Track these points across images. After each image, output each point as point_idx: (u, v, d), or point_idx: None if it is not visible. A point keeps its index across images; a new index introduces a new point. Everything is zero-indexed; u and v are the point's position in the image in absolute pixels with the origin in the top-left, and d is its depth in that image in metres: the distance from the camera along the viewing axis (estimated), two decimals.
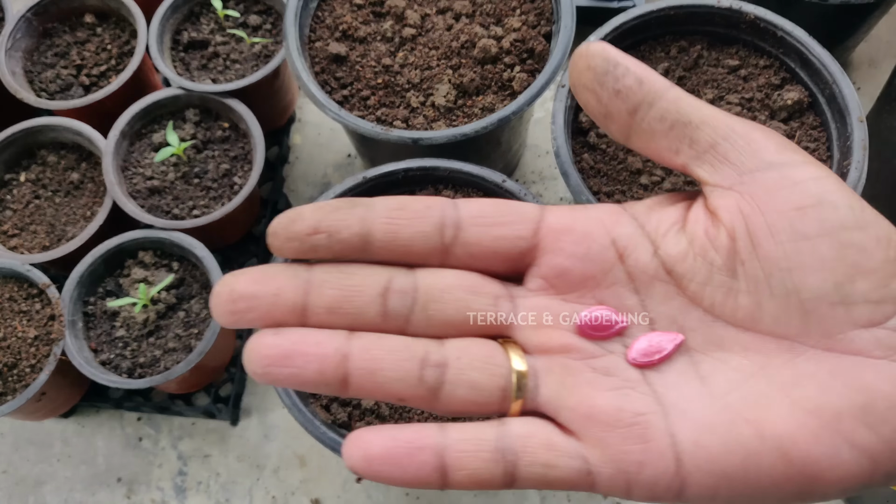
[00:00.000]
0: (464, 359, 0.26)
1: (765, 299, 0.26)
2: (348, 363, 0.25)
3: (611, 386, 0.26)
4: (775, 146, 0.26)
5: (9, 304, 0.72)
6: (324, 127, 0.94)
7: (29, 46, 0.85)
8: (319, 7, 0.74)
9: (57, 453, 0.80)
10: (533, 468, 0.25)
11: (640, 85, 0.27)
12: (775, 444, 0.24)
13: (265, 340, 0.25)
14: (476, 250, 0.27)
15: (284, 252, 0.26)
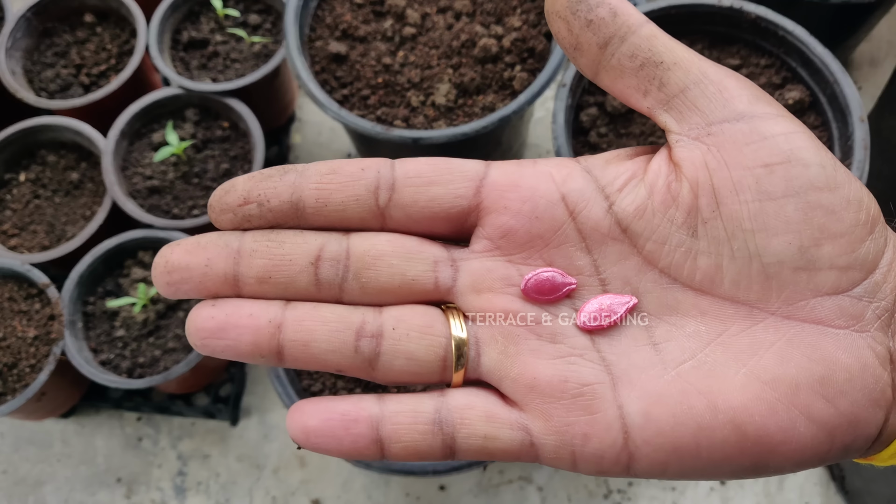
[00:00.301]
0: (400, 329, 0.25)
1: (725, 261, 0.24)
2: (281, 334, 0.24)
3: (556, 354, 0.25)
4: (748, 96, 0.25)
5: (9, 304, 0.71)
6: (324, 126, 0.94)
7: (29, 46, 0.85)
8: (319, 6, 0.74)
9: (57, 453, 0.80)
10: (471, 440, 0.24)
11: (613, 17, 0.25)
12: (728, 418, 0.23)
13: (202, 312, 0.24)
14: (413, 212, 0.25)
15: (221, 224, 0.26)
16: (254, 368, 0.81)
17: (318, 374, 0.61)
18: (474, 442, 0.24)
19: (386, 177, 0.25)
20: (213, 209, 0.25)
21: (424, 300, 0.26)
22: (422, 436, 0.24)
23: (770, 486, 0.73)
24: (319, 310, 0.25)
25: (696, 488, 0.74)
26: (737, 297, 0.25)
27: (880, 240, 0.24)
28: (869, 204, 0.24)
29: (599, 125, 0.65)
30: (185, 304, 0.72)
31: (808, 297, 0.24)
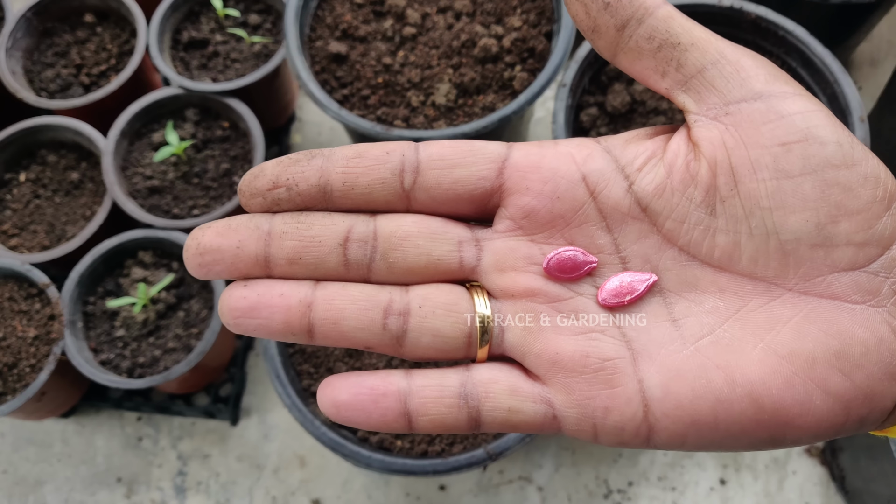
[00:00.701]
0: (426, 307, 0.25)
1: (743, 239, 0.25)
2: (312, 313, 0.25)
3: (578, 330, 0.25)
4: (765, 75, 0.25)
5: (9, 304, 0.72)
6: (324, 126, 0.94)
7: (29, 46, 0.85)
8: (319, 6, 0.74)
9: (57, 453, 0.80)
10: (496, 413, 0.25)
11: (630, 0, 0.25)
12: (746, 391, 0.24)
13: (235, 293, 0.25)
14: (437, 194, 0.26)
15: (251, 208, 0.26)
16: (254, 369, 0.81)
17: (318, 374, 0.61)
18: (499, 415, 0.25)
19: (410, 160, 0.26)
20: (242, 193, 0.26)
21: (450, 279, 0.26)
22: (448, 409, 0.25)
23: (770, 486, 0.73)
24: (348, 289, 0.25)
25: (696, 488, 0.74)
26: (754, 274, 0.25)
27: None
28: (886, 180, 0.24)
29: (599, 125, 0.64)
30: (184, 304, 0.72)
31: (824, 273, 0.24)
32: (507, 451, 0.55)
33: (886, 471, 0.61)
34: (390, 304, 0.25)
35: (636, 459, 0.75)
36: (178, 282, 0.73)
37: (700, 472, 0.74)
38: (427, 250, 0.26)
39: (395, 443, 0.58)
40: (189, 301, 0.73)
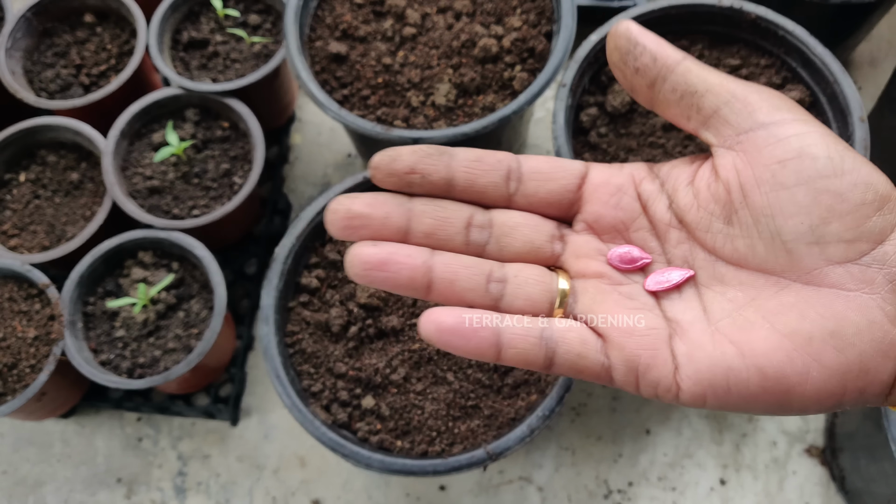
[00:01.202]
0: (521, 276, 0.32)
1: (755, 241, 0.30)
2: (433, 273, 0.31)
3: (631, 307, 0.32)
4: (768, 106, 0.30)
5: (9, 305, 0.72)
6: (324, 126, 0.94)
7: (29, 46, 0.85)
8: (319, 6, 0.74)
9: (57, 454, 0.80)
10: (568, 356, 0.31)
11: (654, 62, 0.32)
12: (753, 362, 0.29)
13: (365, 250, 0.31)
14: (533, 199, 0.33)
15: (384, 184, 0.32)
16: (254, 369, 0.81)
17: (318, 374, 0.61)
18: (569, 357, 0.31)
19: (515, 170, 0.33)
20: (379, 170, 0.32)
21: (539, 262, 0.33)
22: (531, 346, 0.30)
23: (770, 486, 0.73)
24: (461, 257, 0.32)
25: (696, 488, 0.74)
26: (766, 269, 0.30)
27: (890, 216, 0.29)
28: (878, 185, 0.29)
29: (599, 125, 0.64)
30: (184, 304, 0.72)
31: (821, 266, 0.29)
32: (507, 451, 0.55)
33: (887, 471, 0.61)
34: (492, 273, 0.32)
35: (636, 459, 0.75)
36: (177, 282, 0.73)
37: (700, 473, 0.74)
38: (530, 239, 0.33)
39: (395, 443, 0.58)
40: (189, 301, 0.73)
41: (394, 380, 0.60)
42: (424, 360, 0.61)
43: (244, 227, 0.83)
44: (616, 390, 0.78)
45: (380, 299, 0.62)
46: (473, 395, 0.59)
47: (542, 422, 0.55)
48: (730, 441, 0.75)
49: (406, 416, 0.59)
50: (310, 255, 0.65)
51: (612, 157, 0.63)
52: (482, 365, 0.60)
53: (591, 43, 0.64)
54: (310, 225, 0.64)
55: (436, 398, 0.59)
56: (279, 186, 0.89)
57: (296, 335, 0.62)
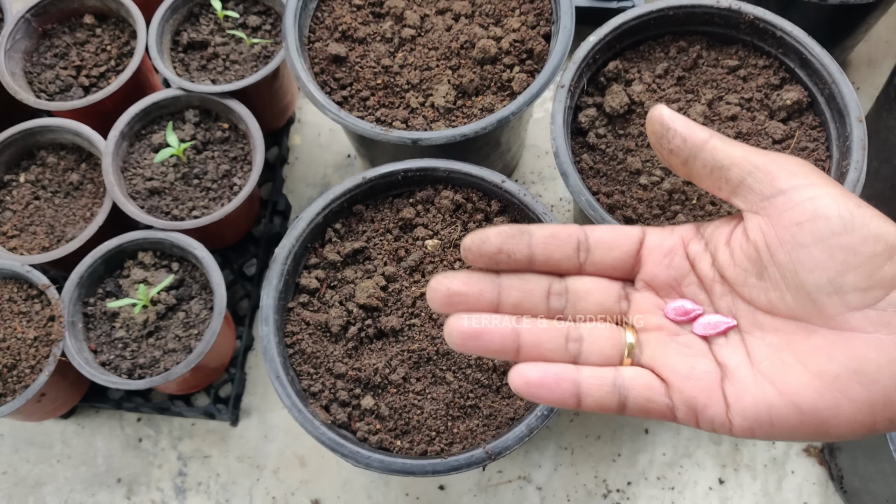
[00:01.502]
0: (594, 335, 0.37)
1: (784, 293, 0.35)
2: (520, 339, 0.36)
3: (688, 354, 0.36)
4: (786, 174, 0.35)
5: (8, 305, 0.72)
6: (323, 128, 0.94)
7: (28, 47, 0.85)
8: (319, 7, 0.74)
9: (57, 454, 0.80)
10: (638, 400, 0.35)
11: (684, 143, 0.37)
12: (790, 399, 0.33)
13: (462, 322, 0.36)
14: (601, 266, 0.39)
15: (476, 264, 0.37)
16: (254, 369, 0.82)
17: (317, 374, 0.61)
18: (639, 402, 0.35)
19: (584, 241, 0.38)
20: (471, 252, 0.37)
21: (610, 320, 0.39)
22: (606, 394, 0.35)
23: (769, 486, 0.73)
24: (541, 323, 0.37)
25: (694, 488, 0.74)
26: (796, 316, 0.35)
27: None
28: (887, 236, 0.33)
29: (598, 126, 0.65)
30: (184, 304, 0.72)
31: (843, 313, 0.33)
32: (506, 450, 0.55)
33: (885, 470, 0.62)
34: (569, 333, 0.37)
35: (635, 459, 0.75)
36: (177, 283, 0.74)
37: (699, 472, 0.74)
38: (601, 301, 0.38)
39: (395, 443, 0.59)
40: (189, 302, 0.73)
41: (393, 380, 0.60)
42: (424, 360, 0.61)
43: (244, 228, 0.83)
44: None
45: (379, 300, 0.62)
46: (472, 395, 0.60)
47: (541, 421, 0.55)
48: (728, 441, 0.75)
49: (405, 415, 0.59)
50: (309, 255, 0.65)
51: (611, 158, 0.64)
52: (481, 365, 0.60)
53: (589, 44, 0.64)
54: (309, 226, 0.64)
55: (435, 398, 0.59)
56: (279, 187, 0.89)
57: (295, 335, 0.62)
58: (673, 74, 0.66)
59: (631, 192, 0.62)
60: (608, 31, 0.65)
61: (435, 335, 0.61)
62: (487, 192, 0.65)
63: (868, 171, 0.57)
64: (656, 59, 0.67)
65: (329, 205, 0.64)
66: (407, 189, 0.66)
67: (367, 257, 0.65)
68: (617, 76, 0.66)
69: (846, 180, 0.57)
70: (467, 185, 0.65)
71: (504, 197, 0.64)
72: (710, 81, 0.65)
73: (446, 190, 0.66)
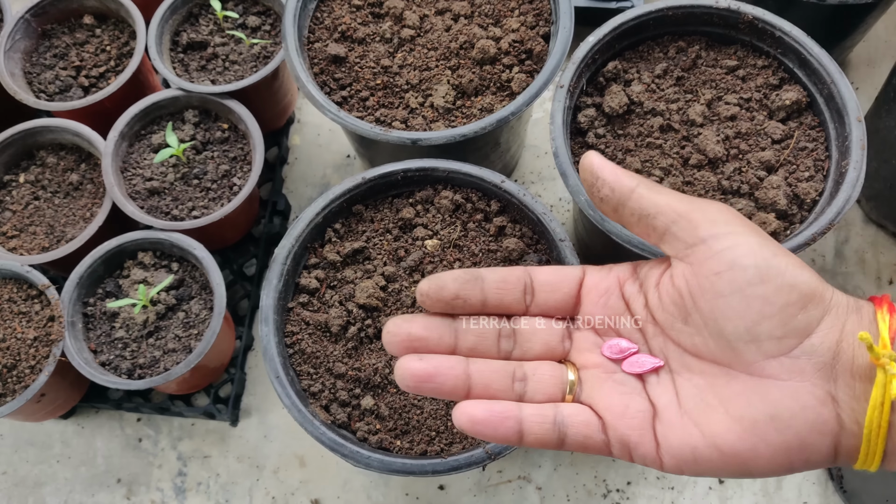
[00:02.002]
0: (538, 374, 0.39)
1: (706, 339, 0.36)
2: (471, 381, 0.37)
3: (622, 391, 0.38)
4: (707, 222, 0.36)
5: (8, 306, 0.72)
6: (323, 128, 0.94)
7: (28, 48, 0.85)
8: (318, 8, 0.74)
9: (56, 454, 0.80)
10: (576, 437, 0.37)
11: (612, 192, 0.38)
12: (712, 442, 0.35)
13: (413, 364, 0.37)
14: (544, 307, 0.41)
15: (433, 308, 0.39)
16: (253, 369, 0.82)
17: (317, 374, 0.61)
18: (578, 438, 0.37)
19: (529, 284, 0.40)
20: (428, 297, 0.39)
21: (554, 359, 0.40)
22: (546, 431, 0.36)
23: (768, 486, 0.73)
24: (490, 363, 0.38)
25: (694, 488, 0.74)
26: (719, 361, 0.36)
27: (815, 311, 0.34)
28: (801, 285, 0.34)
29: (597, 126, 0.65)
30: (184, 305, 0.72)
31: (759, 360, 0.35)
32: (506, 451, 0.55)
33: (884, 470, 0.62)
34: (515, 373, 0.39)
35: None
36: (177, 283, 0.74)
37: None
38: (546, 341, 0.40)
39: (395, 443, 0.59)
40: (189, 302, 0.73)
41: (393, 380, 0.60)
42: None
43: (244, 228, 0.84)
44: None
45: (379, 300, 0.62)
46: None
47: None
48: None
49: (405, 415, 0.59)
50: (309, 255, 0.65)
51: (610, 158, 0.64)
52: None
53: (588, 44, 0.64)
54: (309, 226, 0.64)
55: (435, 398, 0.60)
56: (278, 187, 0.89)
57: (295, 335, 0.62)
58: (672, 74, 0.66)
59: None
60: (607, 32, 0.65)
61: None
62: (487, 192, 0.65)
63: (867, 171, 0.57)
64: (655, 59, 0.67)
65: (329, 205, 0.64)
66: (406, 189, 0.66)
67: (367, 257, 0.65)
68: (616, 76, 0.66)
69: (845, 180, 0.57)
70: (467, 186, 0.65)
71: (503, 197, 0.64)
72: (709, 81, 0.65)
73: (446, 190, 0.66)
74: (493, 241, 0.64)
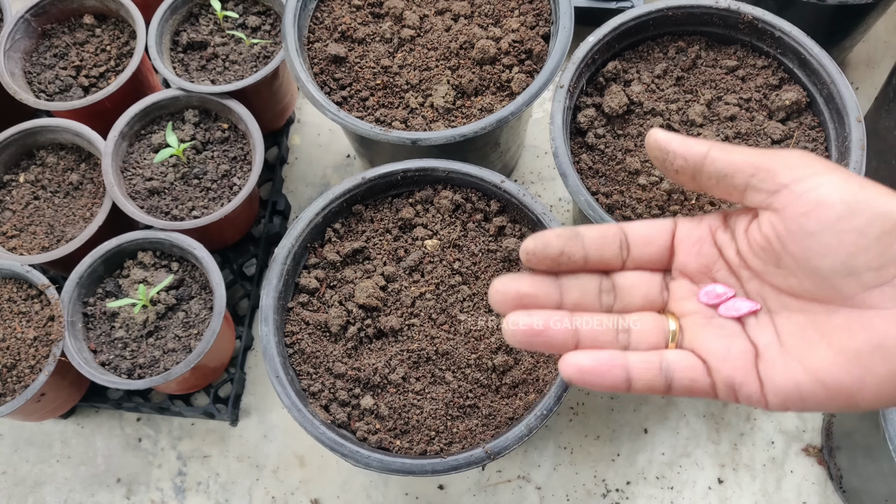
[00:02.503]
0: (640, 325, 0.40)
1: (801, 279, 0.36)
2: (579, 333, 0.38)
3: (724, 335, 0.38)
4: (786, 168, 0.36)
5: (8, 305, 0.72)
6: (323, 128, 0.94)
7: (28, 47, 0.85)
8: (318, 8, 0.74)
9: (56, 454, 0.80)
10: (683, 381, 0.37)
11: (686, 162, 0.39)
12: (816, 377, 0.35)
13: (524, 320, 0.38)
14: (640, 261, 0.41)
15: (538, 266, 0.40)
16: (253, 369, 0.82)
17: (317, 374, 0.61)
18: (684, 383, 0.38)
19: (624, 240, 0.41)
20: (535, 255, 0.39)
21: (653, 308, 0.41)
22: (654, 377, 0.37)
23: (768, 486, 0.73)
24: (595, 317, 0.39)
25: (693, 487, 0.74)
26: (818, 298, 0.36)
27: None
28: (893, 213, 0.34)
29: (597, 126, 0.65)
30: (184, 304, 0.72)
31: (859, 292, 0.35)
32: (506, 450, 0.55)
33: (884, 470, 0.62)
34: (618, 324, 0.39)
35: (634, 459, 0.75)
36: (177, 283, 0.74)
37: (698, 472, 0.74)
38: (645, 293, 0.41)
39: (394, 442, 0.59)
40: (189, 302, 0.73)
41: (392, 379, 0.60)
42: (423, 360, 0.61)
43: (244, 228, 0.84)
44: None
45: (378, 299, 0.62)
46: (472, 395, 0.60)
47: (540, 421, 0.55)
48: (727, 440, 0.75)
49: (405, 415, 0.59)
50: (309, 255, 0.65)
51: (610, 158, 0.64)
52: (480, 364, 0.60)
53: (588, 44, 0.64)
54: (309, 226, 0.64)
55: (434, 398, 0.60)
56: (278, 187, 0.89)
57: (295, 335, 0.62)
58: (672, 75, 0.66)
59: (630, 192, 0.62)
60: (607, 32, 0.65)
61: (434, 335, 0.61)
62: (487, 192, 0.65)
63: (867, 171, 0.57)
64: (655, 59, 0.67)
65: (329, 205, 0.64)
66: (406, 189, 0.66)
67: (367, 257, 0.65)
68: (616, 76, 0.66)
69: None
70: (466, 185, 0.65)
71: (503, 197, 0.64)
72: (709, 82, 0.65)
73: (445, 190, 0.66)
74: (492, 240, 0.64)
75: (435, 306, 0.62)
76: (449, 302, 0.62)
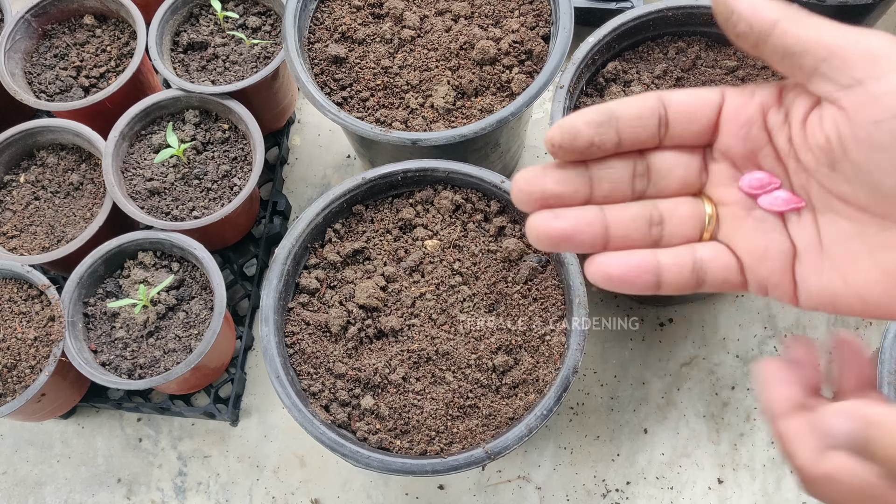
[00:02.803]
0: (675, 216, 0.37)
1: (857, 189, 0.33)
2: (609, 232, 0.36)
3: (763, 230, 0.36)
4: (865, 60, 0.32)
5: (8, 306, 0.72)
6: (323, 128, 0.94)
7: (28, 48, 0.85)
8: (318, 8, 0.74)
9: (57, 454, 0.80)
10: (714, 281, 0.36)
11: (750, 28, 0.34)
12: (854, 290, 0.33)
13: (551, 223, 0.35)
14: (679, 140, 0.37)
15: (565, 158, 0.36)
16: (254, 369, 0.82)
17: (317, 374, 0.62)
18: (716, 282, 0.36)
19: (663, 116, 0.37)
20: (561, 149, 0.35)
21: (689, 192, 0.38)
22: (686, 279, 0.36)
23: (768, 486, 0.73)
24: (625, 210, 0.36)
25: (693, 487, 0.74)
26: (871, 211, 0.33)
27: None
28: None
29: None
30: (185, 305, 0.73)
31: None
32: (506, 450, 0.55)
33: None
34: (651, 216, 0.37)
35: (634, 459, 0.75)
36: (178, 283, 0.74)
37: (698, 472, 0.74)
38: (682, 177, 0.37)
39: (395, 442, 0.59)
40: (189, 302, 0.73)
41: (393, 380, 0.60)
42: (423, 360, 0.61)
43: (244, 228, 0.84)
44: (612, 391, 0.78)
45: (379, 300, 0.62)
46: (472, 395, 0.60)
47: (540, 421, 0.55)
48: (727, 440, 0.75)
49: (405, 415, 0.59)
50: (309, 255, 0.65)
51: None
52: (481, 365, 0.60)
53: (588, 45, 0.64)
54: (309, 226, 0.64)
55: (435, 398, 0.60)
56: (279, 187, 0.89)
57: (295, 335, 0.62)
58: (672, 75, 0.66)
59: None
60: (607, 32, 0.65)
61: (434, 335, 0.61)
62: (487, 192, 0.65)
63: None
64: (655, 59, 0.67)
65: (329, 205, 0.64)
66: (406, 189, 0.67)
67: (367, 257, 0.65)
68: (616, 77, 0.66)
69: None
70: (467, 186, 0.65)
71: (503, 197, 0.64)
72: (709, 82, 0.65)
73: (446, 190, 0.66)
74: (492, 241, 0.64)
75: (435, 306, 0.62)
76: (449, 302, 0.62)
